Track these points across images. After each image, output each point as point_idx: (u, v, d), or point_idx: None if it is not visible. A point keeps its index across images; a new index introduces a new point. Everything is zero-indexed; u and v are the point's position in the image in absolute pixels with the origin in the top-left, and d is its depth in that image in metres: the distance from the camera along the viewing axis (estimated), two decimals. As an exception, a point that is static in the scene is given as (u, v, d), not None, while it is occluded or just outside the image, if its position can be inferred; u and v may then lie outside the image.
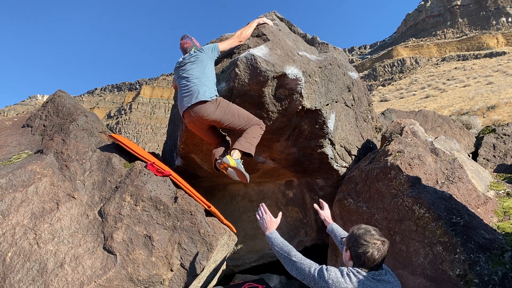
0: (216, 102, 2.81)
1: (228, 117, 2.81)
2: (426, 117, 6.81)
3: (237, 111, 2.85)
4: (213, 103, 2.79)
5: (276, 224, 2.05)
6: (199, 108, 2.78)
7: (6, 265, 2.40)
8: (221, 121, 2.82)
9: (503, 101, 29.54)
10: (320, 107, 3.27)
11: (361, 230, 1.63)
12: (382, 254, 1.57)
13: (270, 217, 2.06)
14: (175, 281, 2.67)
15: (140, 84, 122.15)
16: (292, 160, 3.83)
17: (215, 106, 2.79)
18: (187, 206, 2.86)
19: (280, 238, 1.93)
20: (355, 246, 1.60)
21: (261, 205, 2.15)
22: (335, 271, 1.59)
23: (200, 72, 2.90)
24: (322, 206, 2.40)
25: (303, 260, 1.73)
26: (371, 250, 1.55)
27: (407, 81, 71.48)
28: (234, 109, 2.85)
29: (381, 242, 1.58)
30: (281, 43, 3.18)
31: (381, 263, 1.60)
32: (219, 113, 2.79)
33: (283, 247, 1.84)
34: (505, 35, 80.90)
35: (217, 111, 2.78)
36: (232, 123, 2.84)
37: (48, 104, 3.82)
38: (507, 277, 2.30)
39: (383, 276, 1.57)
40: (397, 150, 3.40)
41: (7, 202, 2.64)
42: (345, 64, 4.03)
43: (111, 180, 2.96)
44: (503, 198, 3.33)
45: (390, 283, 1.57)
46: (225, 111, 2.80)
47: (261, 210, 2.13)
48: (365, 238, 1.59)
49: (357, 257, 1.59)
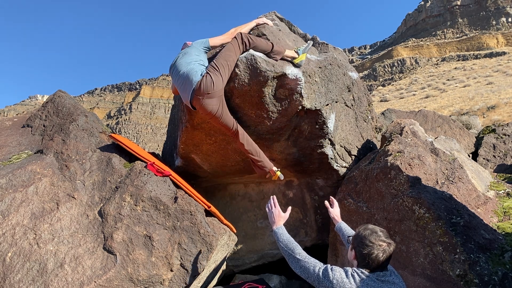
0: (209, 71, 2.73)
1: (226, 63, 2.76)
2: (426, 117, 6.82)
3: (226, 56, 2.79)
4: (208, 74, 2.71)
5: (284, 219, 2.05)
6: (201, 87, 2.67)
7: (6, 265, 2.40)
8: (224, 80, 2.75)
9: (503, 101, 29.55)
10: (320, 107, 3.27)
11: (367, 231, 1.62)
12: (387, 255, 1.56)
13: (279, 211, 2.06)
14: (175, 281, 2.67)
15: (140, 84, 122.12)
16: (292, 160, 3.83)
17: (213, 73, 2.72)
18: (187, 206, 2.86)
19: (286, 234, 1.92)
20: (360, 246, 1.59)
21: (272, 197, 2.14)
22: (340, 271, 1.58)
23: (187, 59, 2.87)
24: (332, 204, 2.40)
25: (308, 259, 1.73)
26: (376, 251, 1.54)
27: (407, 81, 71.50)
28: (227, 55, 2.79)
29: (386, 244, 1.56)
30: (281, 43, 3.18)
31: (386, 264, 1.59)
32: (218, 74, 2.72)
33: (288, 244, 1.84)
34: (505, 35, 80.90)
35: (214, 77, 2.70)
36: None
37: (48, 104, 3.82)
38: (507, 277, 2.30)
39: (387, 277, 1.57)
40: (397, 150, 3.40)
41: (7, 202, 2.64)
42: (345, 64, 4.03)
43: (111, 180, 2.96)
44: (503, 198, 3.33)
45: (394, 284, 1.56)
46: (222, 64, 2.75)
47: (270, 203, 2.12)
48: (370, 239, 1.57)
49: (362, 258, 1.58)
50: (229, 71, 2.79)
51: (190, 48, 2.99)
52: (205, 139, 3.53)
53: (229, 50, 2.79)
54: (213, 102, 2.71)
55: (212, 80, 2.65)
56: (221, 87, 2.72)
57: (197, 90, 2.66)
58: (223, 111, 2.80)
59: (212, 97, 2.70)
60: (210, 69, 2.71)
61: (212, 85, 2.65)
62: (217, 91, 2.69)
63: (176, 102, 4.38)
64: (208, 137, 3.49)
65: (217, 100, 2.73)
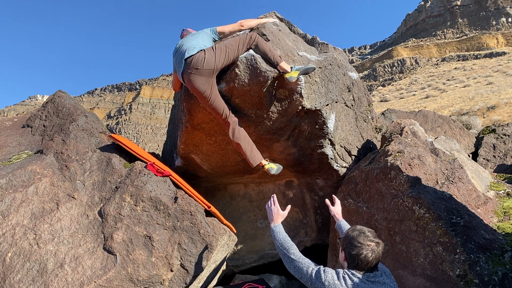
0: (206, 50, 2.76)
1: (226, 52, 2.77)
2: (426, 117, 6.81)
3: (227, 46, 2.81)
4: (203, 51, 2.75)
5: (282, 217, 2.07)
6: (192, 61, 2.72)
7: (6, 265, 2.40)
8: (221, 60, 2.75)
9: (503, 101, 29.55)
10: (320, 107, 3.27)
11: (355, 232, 1.64)
12: (377, 255, 1.58)
13: (278, 209, 2.09)
14: (175, 281, 2.67)
15: (140, 84, 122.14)
16: (292, 161, 3.83)
17: (209, 51, 2.74)
18: (187, 207, 2.86)
19: (283, 233, 1.94)
20: (349, 247, 1.61)
21: (272, 196, 2.18)
22: (332, 273, 1.60)
23: (193, 41, 2.90)
24: (334, 202, 2.41)
25: (302, 259, 1.75)
26: (365, 252, 1.56)
27: (407, 81, 71.50)
28: (229, 43, 2.81)
29: (375, 244, 1.58)
30: (281, 43, 3.18)
31: (376, 265, 1.61)
32: (213, 54, 2.73)
33: (284, 243, 1.86)
34: (505, 35, 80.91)
35: (207, 54, 2.72)
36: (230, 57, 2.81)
37: (48, 104, 3.82)
38: (507, 277, 2.30)
39: (378, 277, 1.58)
40: (397, 150, 3.40)
41: (7, 202, 2.64)
42: (345, 64, 4.03)
43: (111, 180, 2.96)
44: (503, 198, 3.33)
45: (385, 284, 1.57)
46: (220, 48, 2.76)
47: (270, 201, 2.15)
48: (359, 240, 1.59)
49: (351, 259, 1.60)
50: (226, 57, 2.79)
51: (199, 33, 3.06)
52: (205, 139, 3.53)
53: (234, 40, 2.85)
54: (201, 80, 2.74)
55: (204, 57, 2.71)
56: (212, 67, 2.73)
57: (188, 64, 2.74)
58: (213, 94, 2.81)
59: (201, 75, 2.72)
60: (207, 49, 2.78)
61: (202, 61, 2.70)
62: (206, 69, 2.71)
63: (176, 102, 4.38)
64: (208, 137, 3.49)
65: (206, 80, 2.75)
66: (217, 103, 2.83)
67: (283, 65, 2.83)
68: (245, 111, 3.14)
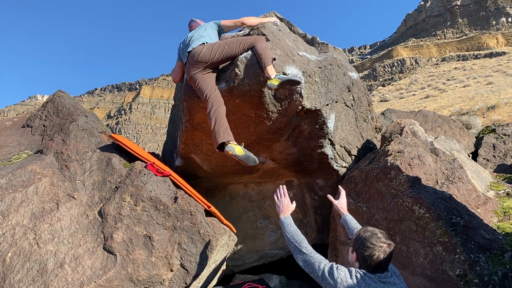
0: (210, 43, 2.95)
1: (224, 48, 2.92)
2: (426, 117, 6.81)
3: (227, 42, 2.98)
4: (204, 44, 2.94)
5: (291, 210, 2.05)
6: (193, 52, 2.91)
7: (6, 265, 2.40)
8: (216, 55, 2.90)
9: (503, 101, 29.55)
10: (320, 107, 3.27)
11: (367, 233, 1.64)
12: (388, 257, 1.59)
13: (288, 201, 2.06)
14: (175, 281, 2.67)
15: (140, 84, 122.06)
16: (292, 160, 3.83)
17: (208, 45, 2.92)
18: (187, 206, 2.86)
19: (293, 225, 1.92)
20: (361, 248, 1.61)
21: (281, 186, 2.14)
22: (345, 270, 1.61)
23: (201, 32, 3.12)
24: (339, 195, 2.40)
25: (314, 254, 1.73)
26: (377, 253, 1.57)
27: (407, 81, 71.50)
28: (230, 41, 2.97)
29: (387, 245, 1.59)
30: (281, 43, 3.18)
31: (387, 265, 1.62)
32: (210, 47, 2.90)
33: (295, 235, 1.84)
34: (505, 35, 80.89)
35: (205, 47, 2.89)
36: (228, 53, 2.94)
37: (48, 104, 3.82)
38: (507, 277, 2.30)
39: (388, 278, 1.60)
40: (397, 150, 3.40)
41: (7, 202, 2.64)
42: (345, 64, 4.03)
43: (111, 180, 2.96)
44: (503, 198, 3.33)
45: (395, 285, 1.59)
46: (219, 43, 2.93)
47: (280, 192, 2.11)
48: (371, 241, 1.60)
49: (363, 260, 1.61)
50: (223, 53, 2.91)
51: (206, 25, 3.26)
52: (205, 139, 3.53)
53: (236, 39, 2.97)
54: (197, 70, 2.92)
55: (201, 50, 2.88)
56: (207, 59, 2.87)
57: (191, 56, 2.93)
58: (201, 79, 2.93)
59: (197, 65, 2.90)
60: (208, 43, 2.96)
61: (199, 53, 2.87)
62: (200, 61, 2.87)
63: (176, 102, 4.38)
64: (208, 137, 3.49)
65: (201, 71, 2.92)
66: (203, 86, 2.93)
67: (268, 70, 2.79)
68: (245, 111, 3.14)
